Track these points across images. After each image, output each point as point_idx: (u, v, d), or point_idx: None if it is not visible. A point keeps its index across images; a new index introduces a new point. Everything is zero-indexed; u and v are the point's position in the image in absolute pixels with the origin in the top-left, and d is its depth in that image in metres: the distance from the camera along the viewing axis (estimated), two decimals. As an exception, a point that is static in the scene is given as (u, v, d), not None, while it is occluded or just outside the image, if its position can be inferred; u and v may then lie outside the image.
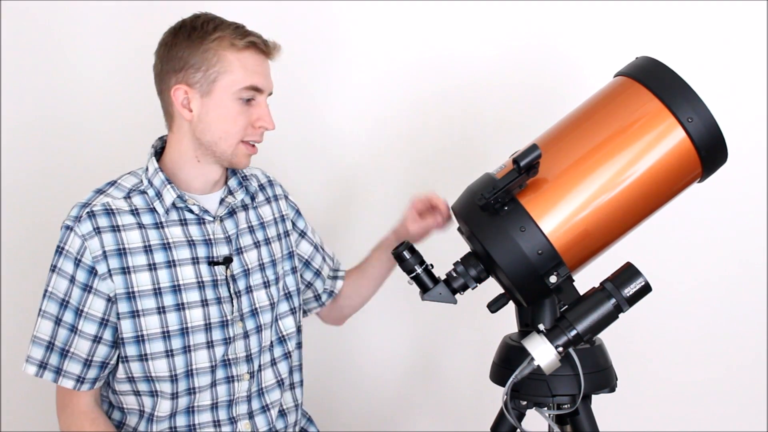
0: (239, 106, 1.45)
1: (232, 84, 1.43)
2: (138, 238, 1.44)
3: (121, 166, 1.60)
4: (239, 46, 1.43)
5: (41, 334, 1.43)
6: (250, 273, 1.54)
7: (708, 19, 2.19)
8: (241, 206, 1.57)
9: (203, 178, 1.51)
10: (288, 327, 1.61)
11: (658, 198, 1.40)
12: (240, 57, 1.43)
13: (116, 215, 1.44)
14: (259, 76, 1.45)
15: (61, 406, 1.49)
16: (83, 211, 1.43)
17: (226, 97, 1.43)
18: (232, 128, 1.45)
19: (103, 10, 2.19)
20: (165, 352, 1.44)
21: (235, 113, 1.44)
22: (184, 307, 1.45)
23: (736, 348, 2.24)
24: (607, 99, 1.42)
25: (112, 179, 1.51)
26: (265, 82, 1.47)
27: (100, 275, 1.41)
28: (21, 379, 2.15)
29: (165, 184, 1.46)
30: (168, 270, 1.44)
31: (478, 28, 2.26)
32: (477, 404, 1.99)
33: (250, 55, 1.44)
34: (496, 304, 1.50)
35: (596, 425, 1.43)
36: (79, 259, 1.41)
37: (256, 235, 1.58)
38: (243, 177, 1.59)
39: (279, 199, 1.68)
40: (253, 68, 1.45)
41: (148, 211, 1.47)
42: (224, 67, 1.42)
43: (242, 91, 1.44)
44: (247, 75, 1.44)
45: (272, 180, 1.70)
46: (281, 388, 1.59)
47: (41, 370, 1.43)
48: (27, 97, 2.19)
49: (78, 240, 1.41)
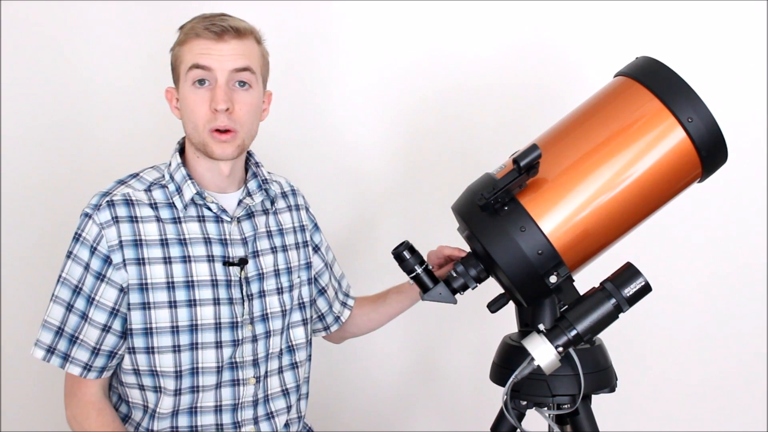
0: (194, 92, 1.45)
1: (185, 71, 1.46)
2: (155, 230, 1.45)
3: (125, 168, 1.59)
4: (189, 37, 1.46)
5: (52, 319, 1.44)
6: (265, 277, 1.54)
7: (708, 19, 2.19)
8: (261, 210, 1.58)
9: (211, 174, 1.52)
10: (298, 337, 1.60)
11: (658, 198, 1.40)
12: (190, 45, 1.46)
13: (135, 206, 1.45)
14: (203, 57, 1.44)
15: (69, 393, 1.49)
16: (103, 199, 1.44)
17: (186, 88, 1.46)
18: (194, 117, 1.45)
19: (108, 12, 2.19)
20: (172, 347, 1.44)
21: (193, 100, 1.45)
22: (195, 304, 1.45)
23: (736, 348, 2.24)
24: (607, 99, 1.42)
25: (134, 171, 1.53)
26: (210, 60, 1.44)
27: (114, 265, 1.41)
28: (21, 378, 2.17)
29: (186, 179, 1.48)
30: (183, 265, 1.45)
31: (478, 28, 2.26)
32: (477, 404, 1.99)
33: (198, 41, 1.45)
34: (496, 304, 1.50)
35: (596, 425, 1.43)
36: (94, 247, 1.42)
37: (274, 240, 1.58)
38: (263, 180, 1.59)
39: (300, 209, 1.68)
40: (198, 50, 1.44)
41: (167, 206, 1.48)
42: (180, 59, 1.47)
43: (190, 74, 1.44)
44: (192, 57, 1.45)
45: (296, 189, 1.70)
46: (286, 398, 1.58)
47: (49, 354, 1.44)
48: (27, 98, 2.19)
49: (95, 228, 1.42)
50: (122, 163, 1.73)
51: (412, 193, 2.32)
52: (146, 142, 2.16)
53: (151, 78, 2.14)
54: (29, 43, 2.19)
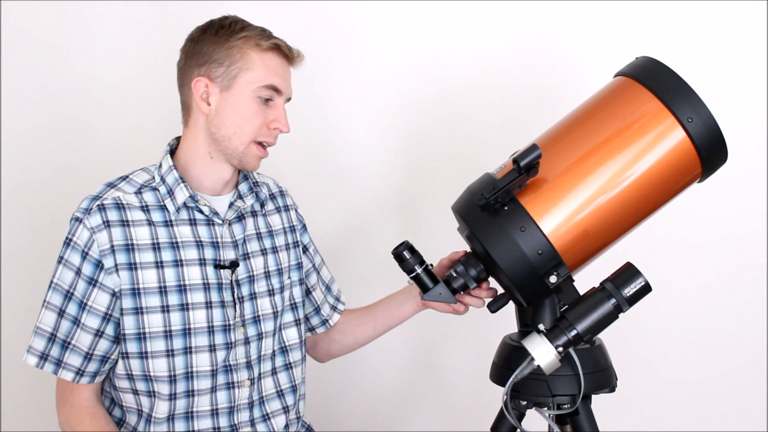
0: (256, 104, 1.47)
1: (252, 82, 1.45)
2: (147, 234, 1.44)
3: (125, 167, 1.59)
4: (263, 46, 1.46)
5: (44, 326, 1.43)
6: (255, 280, 1.54)
7: (708, 19, 2.19)
8: (250, 212, 1.58)
9: (214, 177, 1.51)
10: (291, 338, 1.60)
11: (658, 198, 1.40)
12: (263, 57, 1.46)
13: (126, 210, 1.44)
14: (279, 78, 1.48)
15: (60, 399, 1.48)
16: (93, 203, 1.43)
17: (245, 94, 1.46)
18: (247, 125, 1.46)
19: (107, 11, 2.20)
20: (165, 352, 1.43)
21: (252, 111, 1.46)
22: (187, 308, 1.45)
23: (735, 348, 2.24)
24: (607, 99, 1.42)
25: (124, 174, 1.51)
26: (284, 84, 1.50)
27: (106, 269, 1.41)
28: (21, 378, 2.16)
29: (178, 183, 1.47)
30: (175, 269, 1.45)
31: (478, 28, 2.26)
32: (477, 404, 1.99)
33: (273, 56, 1.47)
34: (496, 304, 1.50)
35: (596, 425, 1.43)
36: (86, 252, 1.41)
37: (264, 242, 1.58)
38: (254, 183, 1.59)
39: (289, 209, 1.68)
40: (274, 69, 1.47)
41: (158, 209, 1.47)
42: (246, 65, 1.45)
43: (261, 89, 1.46)
44: (267, 74, 1.46)
45: (284, 190, 1.70)
46: (282, 399, 1.58)
47: (42, 361, 1.43)
48: (26, 97, 2.19)
49: (86, 232, 1.41)
50: (122, 162, 1.72)
51: (412, 192, 2.32)
52: (146, 141, 2.15)
53: (151, 77, 2.14)
54: (29, 42, 2.19)
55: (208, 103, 1.46)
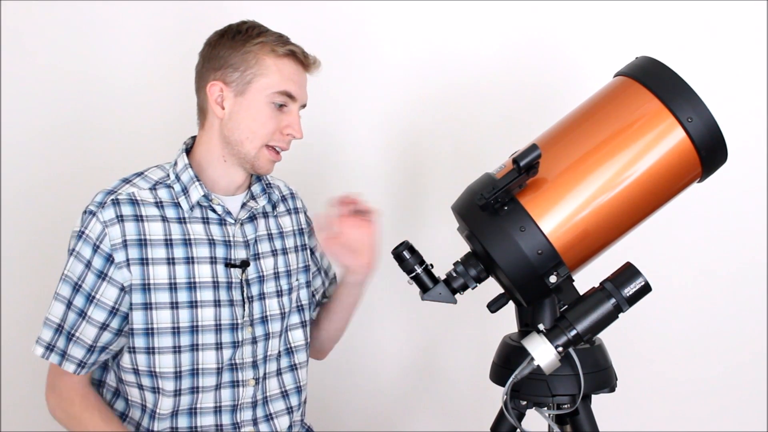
0: (270, 110, 1.48)
1: (267, 87, 1.46)
2: (160, 230, 1.45)
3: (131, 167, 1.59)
4: (279, 52, 1.47)
5: (52, 317, 1.44)
6: (265, 280, 1.55)
7: (708, 19, 2.19)
8: (262, 213, 1.59)
9: (228, 179, 1.53)
10: (297, 339, 1.61)
11: (657, 198, 1.40)
12: (278, 63, 1.47)
13: (140, 205, 1.45)
14: (293, 84, 1.49)
15: (50, 386, 1.49)
16: (108, 198, 1.44)
17: (259, 99, 1.47)
18: (260, 130, 1.47)
19: (115, 11, 2.19)
20: (172, 348, 1.44)
21: (265, 116, 1.47)
22: (196, 305, 1.45)
23: (736, 347, 2.24)
24: (607, 99, 1.42)
25: (139, 170, 1.52)
26: (299, 91, 1.50)
27: (116, 264, 1.41)
28: (21, 378, 2.16)
29: (193, 181, 1.48)
30: (186, 266, 1.45)
31: (478, 27, 2.26)
32: (477, 404, 1.99)
33: (289, 63, 1.49)
34: (496, 304, 1.50)
35: (596, 425, 1.43)
36: (97, 245, 1.42)
37: (274, 243, 1.59)
38: (267, 184, 1.60)
39: (300, 212, 1.70)
40: (289, 75, 1.48)
41: (172, 205, 1.48)
42: (261, 70, 1.46)
43: (275, 95, 1.47)
44: (282, 80, 1.47)
45: (294, 193, 1.71)
46: (286, 400, 1.59)
47: (48, 352, 1.44)
48: (31, 96, 2.19)
49: (99, 226, 1.42)
50: (129, 161, 1.72)
51: (412, 192, 2.32)
52: (153, 140, 2.15)
53: (157, 77, 2.14)
54: (34, 41, 2.19)
55: (222, 107, 1.48)
